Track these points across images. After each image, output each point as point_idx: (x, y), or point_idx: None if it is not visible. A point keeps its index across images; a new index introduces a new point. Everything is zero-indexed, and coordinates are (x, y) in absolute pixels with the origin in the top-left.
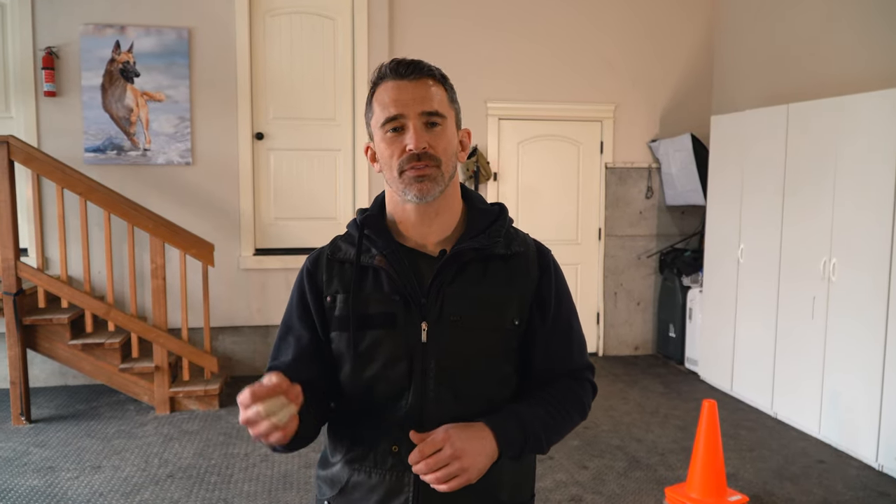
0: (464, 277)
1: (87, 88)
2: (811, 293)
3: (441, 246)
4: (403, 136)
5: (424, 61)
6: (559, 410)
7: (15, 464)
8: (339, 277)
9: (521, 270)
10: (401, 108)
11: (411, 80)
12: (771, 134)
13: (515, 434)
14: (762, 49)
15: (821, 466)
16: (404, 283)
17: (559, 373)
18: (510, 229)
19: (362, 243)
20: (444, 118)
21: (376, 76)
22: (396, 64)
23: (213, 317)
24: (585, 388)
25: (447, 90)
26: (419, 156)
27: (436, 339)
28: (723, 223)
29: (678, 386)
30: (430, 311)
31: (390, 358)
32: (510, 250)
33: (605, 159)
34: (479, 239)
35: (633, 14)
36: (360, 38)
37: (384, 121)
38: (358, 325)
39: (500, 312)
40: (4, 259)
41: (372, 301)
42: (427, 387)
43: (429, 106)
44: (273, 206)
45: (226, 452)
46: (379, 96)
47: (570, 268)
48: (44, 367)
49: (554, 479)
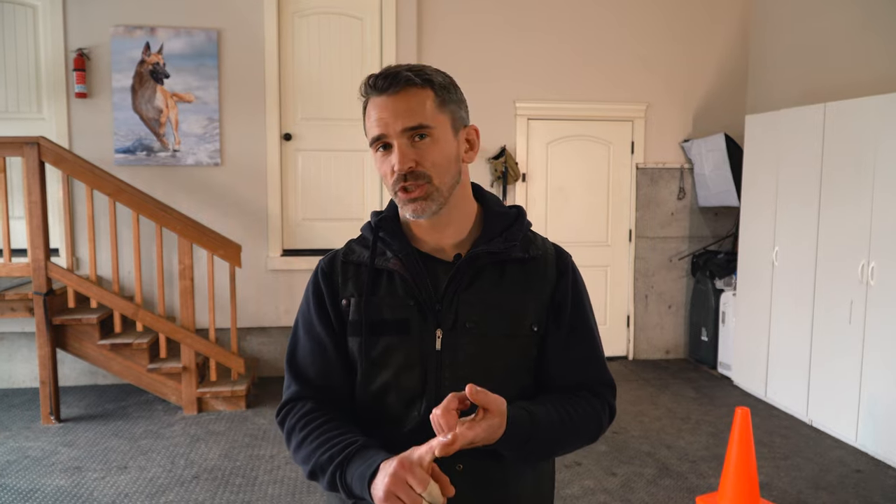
0: (480, 282)
1: (118, 90)
2: (848, 297)
3: (457, 250)
4: (391, 155)
5: (407, 69)
6: (572, 423)
7: (43, 463)
8: (354, 280)
9: (539, 274)
10: (383, 127)
11: (390, 94)
12: (807, 134)
13: (522, 435)
14: (798, 47)
15: (858, 476)
16: (419, 288)
17: (575, 383)
18: (528, 233)
19: (377, 246)
20: (431, 128)
21: (362, 90)
22: (375, 78)
23: (241, 317)
24: (604, 410)
25: (437, 93)
26: (406, 176)
27: (451, 347)
28: (757, 225)
29: (710, 391)
30: (445, 317)
31: (403, 365)
32: (528, 254)
33: (637, 160)
34: (496, 242)
35: (665, 12)
36: (388, 37)
37: (371, 141)
38: (371, 331)
39: (518, 318)
40: (35, 259)
41: (385, 306)
42: (441, 396)
43: (411, 120)
44: (301, 207)
45: (251, 454)
46: (368, 112)
47: (599, 270)
48: (74, 366)
49: (581, 486)
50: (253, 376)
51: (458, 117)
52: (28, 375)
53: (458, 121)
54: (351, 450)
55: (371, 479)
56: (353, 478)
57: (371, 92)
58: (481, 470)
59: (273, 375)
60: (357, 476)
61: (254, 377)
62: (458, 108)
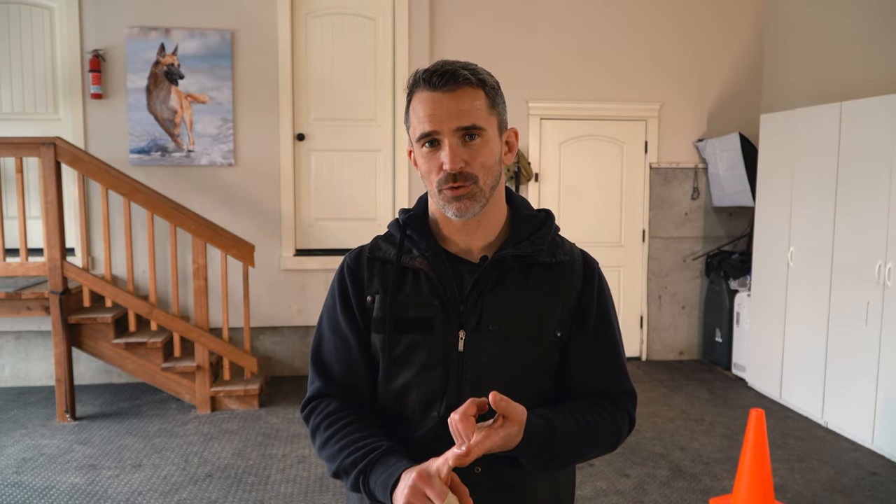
0: (505, 285)
1: (133, 90)
2: (865, 298)
3: (484, 252)
4: (439, 153)
5: (462, 67)
6: (591, 433)
7: (59, 461)
8: (380, 277)
9: (565, 279)
10: (435, 123)
11: (446, 91)
12: (823, 133)
13: (540, 444)
14: (813, 46)
15: (874, 478)
16: (444, 288)
17: (596, 390)
18: (556, 237)
19: (403, 244)
20: (483, 130)
21: (411, 83)
22: (430, 74)
23: (254, 317)
24: (623, 420)
25: (487, 94)
26: (455, 176)
27: (473, 348)
28: (772, 225)
29: (724, 392)
30: (469, 318)
31: (425, 365)
32: (555, 258)
33: (650, 159)
34: (523, 246)
35: (678, 11)
36: (401, 38)
37: (419, 136)
38: (394, 328)
39: (542, 322)
40: (51, 258)
41: (410, 304)
42: (461, 397)
43: (465, 121)
44: (313, 207)
45: (264, 453)
46: (414, 107)
47: (612, 270)
48: (89, 365)
49: (594, 487)
50: (266, 375)
51: (503, 119)
52: (44, 374)
53: (503, 123)
54: (374, 456)
55: (393, 487)
56: (377, 485)
57: (423, 87)
58: (499, 474)
59: (286, 375)
60: (380, 484)
61: (266, 376)
62: (503, 110)
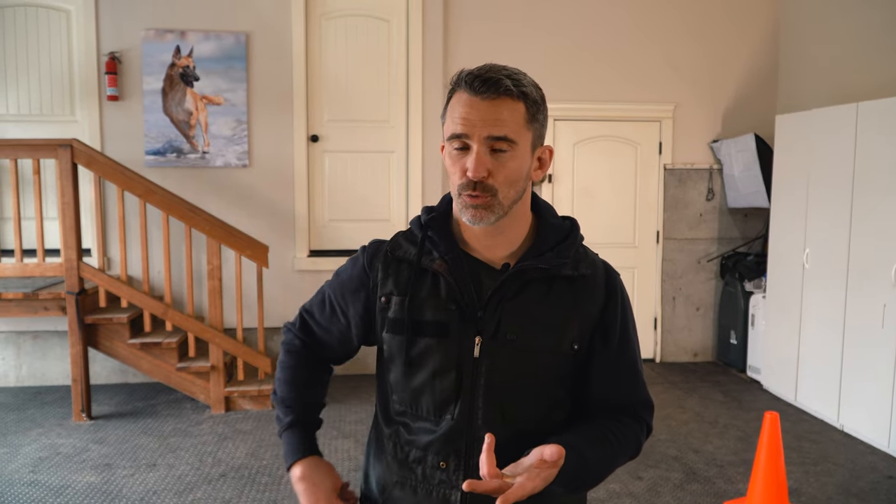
0: (525, 295)
1: (149, 92)
2: (881, 300)
3: (506, 259)
4: (466, 157)
5: (507, 76)
6: (616, 454)
7: (74, 460)
8: (395, 277)
9: (587, 293)
10: (467, 127)
11: (485, 98)
12: (839, 134)
13: (572, 477)
14: (829, 46)
15: (890, 482)
16: (462, 293)
17: (616, 403)
18: (580, 248)
19: (424, 245)
20: (514, 143)
21: (454, 80)
22: (473, 77)
23: (268, 317)
24: (643, 431)
25: (528, 108)
26: (475, 184)
27: (488, 355)
28: (788, 226)
29: (739, 395)
30: (486, 325)
31: (439, 368)
32: (577, 271)
33: (664, 160)
34: (547, 258)
35: (693, 11)
36: (415, 40)
37: (450, 136)
38: (412, 331)
39: (560, 336)
40: (68, 259)
41: (427, 307)
42: (475, 403)
43: (497, 130)
44: (327, 208)
45: (277, 453)
46: (453, 106)
47: (626, 271)
48: (105, 364)
49: (607, 490)
50: None
51: (540, 135)
52: (60, 373)
53: (538, 139)
54: (289, 420)
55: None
56: (285, 449)
57: (464, 88)
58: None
59: None
60: (285, 453)
61: None
62: (541, 126)
